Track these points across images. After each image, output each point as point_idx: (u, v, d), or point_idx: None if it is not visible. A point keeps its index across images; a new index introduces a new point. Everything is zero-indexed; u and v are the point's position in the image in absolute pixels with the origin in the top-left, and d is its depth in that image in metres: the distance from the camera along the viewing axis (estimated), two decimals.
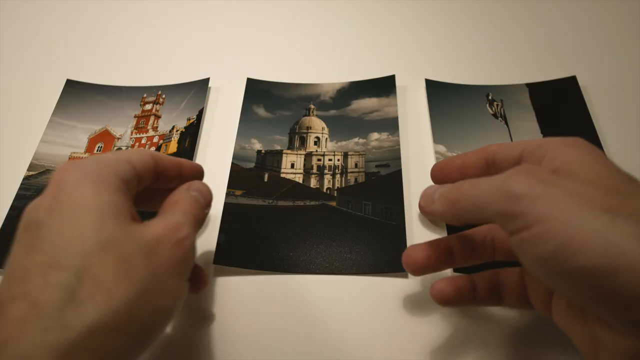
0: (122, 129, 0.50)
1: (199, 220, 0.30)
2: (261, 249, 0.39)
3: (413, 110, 0.50)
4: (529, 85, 0.50)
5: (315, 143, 0.47)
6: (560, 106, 0.48)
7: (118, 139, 0.50)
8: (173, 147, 0.48)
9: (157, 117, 0.51)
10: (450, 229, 0.40)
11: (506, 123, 0.48)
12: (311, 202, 0.43)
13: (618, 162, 0.43)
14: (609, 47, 0.55)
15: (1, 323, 0.21)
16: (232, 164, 0.45)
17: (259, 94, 0.50)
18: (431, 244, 0.32)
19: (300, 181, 0.45)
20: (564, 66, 0.52)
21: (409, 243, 0.39)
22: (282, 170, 0.45)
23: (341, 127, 0.48)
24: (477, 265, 0.33)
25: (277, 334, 0.35)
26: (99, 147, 0.49)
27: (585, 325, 0.25)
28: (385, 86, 0.50)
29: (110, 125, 0.50)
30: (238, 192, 0.42)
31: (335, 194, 0.43)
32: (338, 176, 0.44)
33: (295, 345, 0.35)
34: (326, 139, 0.47)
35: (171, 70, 0.55)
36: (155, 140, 0.49)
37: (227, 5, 0.62)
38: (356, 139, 0.46)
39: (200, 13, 0.62)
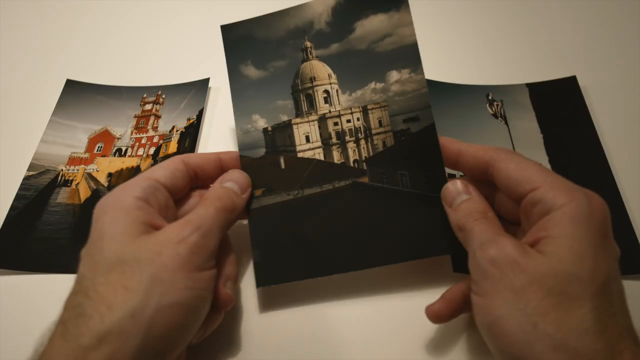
0: (122, 129, 0.50)
1: (228, 208, 0.33)
2: (301, 254, 0.35)
3: None
4: (529, 85, 0.50)
5: (326, 100, 0.40)
6: (560, 106, 0.48)
7: (118, 139, 0.50)
8: (173, 147, 0.48)
9: (157, 117, 0.51)
10: None
11: (506, 123, 0.48)
12: (340, 182, 0.37)
13: (618, 163, 0.44)
14: (609, 47, 0.55)
15: (46, 340, 0.27)
16: (241, 157, 0.38)
17: (242, 45, 0.40)
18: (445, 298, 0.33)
19: (322, 157, 0.38)
20: (564, 66, 0.52)
21: None
22: (298, 148, 0.39)
23: (350, 68, 0.39)
24: None
25: None
26: (99, 147, 0.49)
27: None
28: None
29: (110, 125, 0.50)
30: (258, 192, 0.37)
31: (365, 167, 0.37)
32: (362, 142, 0.38)
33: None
34: (337, 90, 0.39)
35: (171, 70, 0.55)
36: (155, 140, 0.49)
37: (227, 5, 0.62)
38: (372, 84, 0.38)
39: (200, 13, 0.61)
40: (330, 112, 0.39)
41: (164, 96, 0.52)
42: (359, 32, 0.39)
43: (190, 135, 0.48)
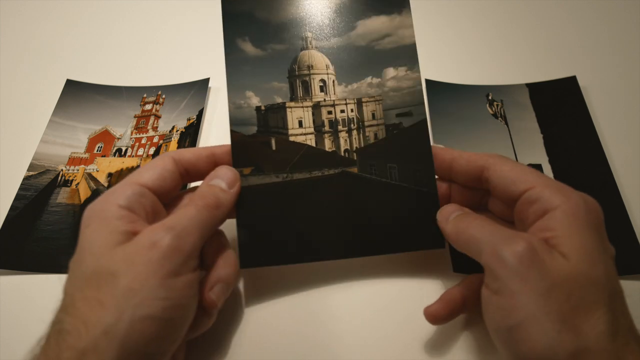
0: (122, 129, 0.50)
1: (211, 205, 0.32)
2: (288, 237, 0.35)
3: None
4: (529, 85, 0.50)
5: (322, 89, 0.40)
6: (560, 106, 0.48)
7: (118, 139, 0.50)
8: (173, 147, 0.48)
9: (157, 117, 0.51)
10: None
11: (506, 123, 0.48)
12: (329, 170, 0.37)
13: (618, 163, 0.44)
14: (609, 47, 0.55)
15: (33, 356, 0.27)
16: (232, 132, 0.37)
17: (241, 20, 0.39)
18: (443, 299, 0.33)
19: (313, 144, 0.39)
20: (564, 66, 0.52)
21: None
22: (290, 132, 0.39)
23: (348, 62, 0.39)
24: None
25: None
26: (99, 147, 0.49)
27: None
28: None
29: (110, 125, 0.50)
30: (246, 171, 0.36)
31: (355, 157, 0.38)
32: (355, 133, 0.39)
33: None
34: (333, 81, 0.39)
35: (171, 70, 0.55)
36: (155, 140, 0.49)
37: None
38: (369, 79, 0.39)
39: (200, 13, 0.61)
40: (324, 100, 0.40)
41: (164, 96, 0.52)
42: (360, 30, 0.40)
43: (190, 135, 0.48)
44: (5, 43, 0.58)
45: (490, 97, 0.50)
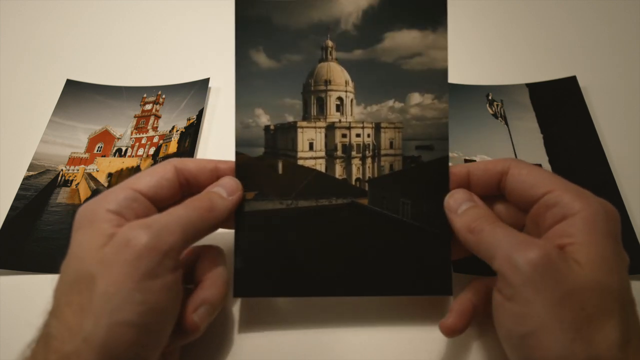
0: (122, 129, 0.50)
1: (204, 207, 0.31)
2: (286, 269, 0.34)
3: None
4: (529, 85, 0.50)
5: (338, 108, 0.37)
6: (560, 106, 0.48)
7: (118, 139, 0.50)
8: (173, 147, 0.48)
9: (157, 117, 0.51)
10: None
11: (506, 123, 0.48)
12: (338, 200, 0.35)
13: (618, 163, 0.44)
14: (609, 47, 0.55)
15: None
16: (237, 154, 0.35)
17: (256, 27, 0.35)
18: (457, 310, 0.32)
19: (323, 169, 0.36)
20: (564, 66, 0.52)
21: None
22: (299, 155, 0.36)
23: (371, 80, 0.36)
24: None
25: None
26: (99, 147, 0.49)
27: None
28: (432, 11, 0.35)
29: (110, 125, 0.50)
30: (250, 195, 0.34)
31: (367, 188, 0.35)
32: (369, 161, 0.36)
33: None
34: (351, 100, 0.36)
35: (171, 70, 0.55)
36: (155, 140, 0.49)
37: (227, 5, 0.62)
38: (391, 102, 0.35)
39: (200, 13, 0.62)
40: (340, 121, 0.37)
41: (164, 96, 0.52)
42: (387, 44, 0.35)
43: (190, 136, 0.48)
44: (5, 43, 0.58)
45: (490, 97, 0.50)
